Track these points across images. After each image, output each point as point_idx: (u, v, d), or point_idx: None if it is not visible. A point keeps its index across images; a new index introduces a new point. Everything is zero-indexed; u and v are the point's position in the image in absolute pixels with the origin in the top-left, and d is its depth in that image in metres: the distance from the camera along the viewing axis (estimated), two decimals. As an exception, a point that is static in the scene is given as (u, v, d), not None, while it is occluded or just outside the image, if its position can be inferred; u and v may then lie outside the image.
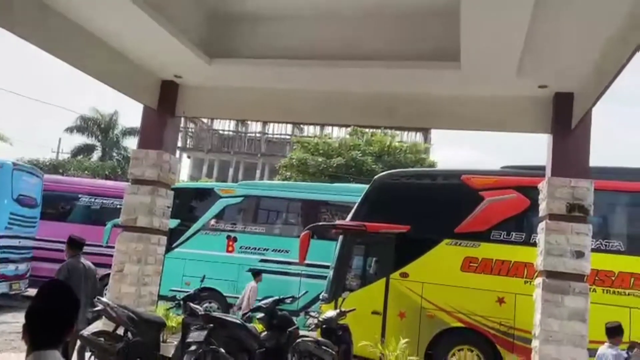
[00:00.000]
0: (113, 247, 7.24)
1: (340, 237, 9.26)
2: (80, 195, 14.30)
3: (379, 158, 22.40)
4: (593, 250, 6.45)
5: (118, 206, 14.24)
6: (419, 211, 8.66)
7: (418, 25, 5.94)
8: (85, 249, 6.86)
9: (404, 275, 8.41)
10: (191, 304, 6.45)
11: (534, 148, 10.72)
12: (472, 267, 8.14)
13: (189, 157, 34.64)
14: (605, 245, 7.70)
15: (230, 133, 33.82)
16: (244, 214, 12.91)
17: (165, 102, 7.42)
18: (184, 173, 33.63)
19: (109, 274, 7.09)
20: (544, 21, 4.72)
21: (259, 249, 12.06)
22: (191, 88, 7.50)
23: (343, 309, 7.23)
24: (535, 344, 6.34)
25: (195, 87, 7.47)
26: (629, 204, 8.01)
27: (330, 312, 7.19)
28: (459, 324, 8.03)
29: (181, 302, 6.64)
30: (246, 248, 12.09)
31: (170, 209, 7.90)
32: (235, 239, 12.20)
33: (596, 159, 6.49)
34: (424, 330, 8.11)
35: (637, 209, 7.93)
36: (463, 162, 54.41)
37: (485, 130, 7.33)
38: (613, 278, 7.44)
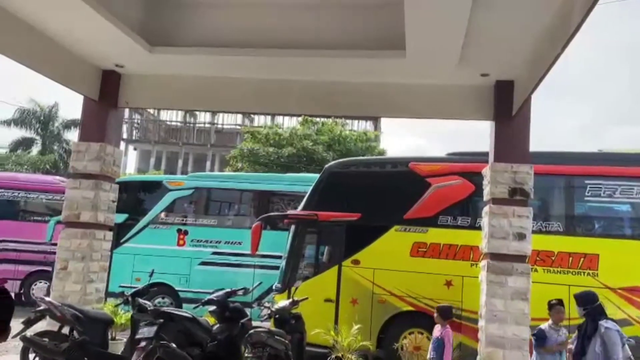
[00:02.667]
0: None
1: (292, 227, 9.26)
2: (17, 192, 13.70)
3: (330, 147, 22.51)
4: (534, 232, 6.75)
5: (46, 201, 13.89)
6: (369, 199, 8.77)
7: (363, 14, 5.98)
8: (25, 247, 6.56)
9: (356, 262, 8.51)
10: (140, 300, 6.29)
11: (480, 134, 11.06)
12: (420, 252, 8.33)
13: (135, 149, 33.69)
14: (545, 227, 8.05)
15: (178, 124, 33.12)
16: (195, 207, 12.69)
17: (107, 92, 7.17)
18: (130, 165, 32.70)
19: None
20: (484, 11, 4.85)
21: (211, 242, 11.89)
22: (134, 77, 7.27)
23: (296, 298, 7.25)
24: (481, 323, 6.60)
25: (138, 77, 7.25)
26: (566, 186, 8.40)
27: (283, 302, 7.19)
28: (410, 308, 8.22)
29: (129, 298, 6.45)
30: (198, 241, 11.89)
31: (117, 203, 7.67)
32: (186, 232, 11.98)
33: (543, 145, 6.77)
34: (376, 315, 8.26)
35: (574, 191, 8.32)
36: (412, 149, 55.51)
37: (431, 118, 7.49)
38: (553, 258, 7.79)
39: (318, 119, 23.47)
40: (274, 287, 9.27)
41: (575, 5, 4.30)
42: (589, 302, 5.38)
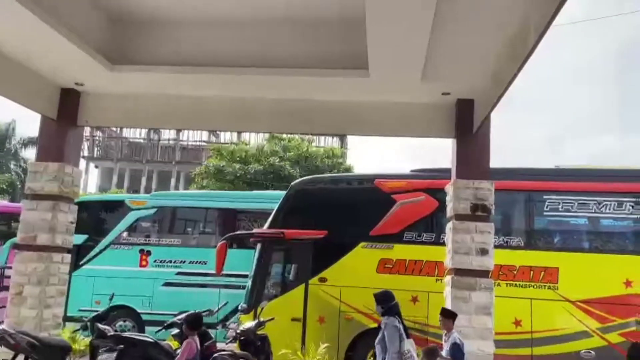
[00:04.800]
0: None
1: (259, 246, 9.16)
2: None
3: (297, 163, 22.51)
4: (496, 246, 6.88)
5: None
6: (336, 216, 8.78)
7: (328, 34, 6.04)
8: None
9: (323, 280, 8.48)
10: (99, 325, 6.08)
11: (444, 150, 11.25)
12: (387, 269, 8.37)
13: (96, 167, 32.91)
14: (507, 242, 8.21)
15: (142, 141, 32.52)
16: (158, 226, 12.43)
17: (66, 111, 7.00)
18: (91, 184, 31.90)
19: None
20: (444, 33, 4.98)
21: (175, 262, 11.64)
22: (94, 96, 7.13)
23: (262, 319, 7.15)
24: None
25: (99, 95, 7.12)
26: (526, 202, 8.61)
27: (248, 323, 7.07)
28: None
29: (89, 323, 6.24)
30: (161, 261, 11.62)
31: (76, 224, 7.44)
32: (149, 253, 11.69)
33: (507, 158, 6.93)
34: (344, 333, 8.21)
35: (533, 206, 8.54)
36: (379, 165, 56.13)
37: (395, 135, 7.60)
38: (515, 272, 7.95)
39: (285, 136, 23.48)
40: (239, 308, 9.12)
41: (530, 28, 4.46)
42: (385, 301, 5.69)
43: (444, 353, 5.51)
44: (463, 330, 6.35)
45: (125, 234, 11.96)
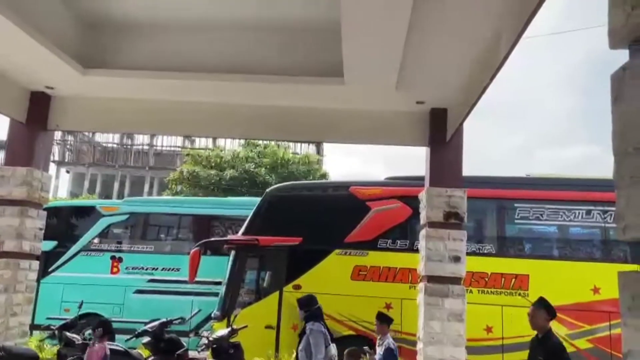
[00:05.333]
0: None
1: (233, 253, 9.10)
2: None
3: (273, 170, 22.47)
4: (468, 254, 6.97)
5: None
6: (311, 223, 8.79)
7: (304, 41, 6.06)
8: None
9: (297, 287, 8.46)
10: (67, 333, 5.94)
11: (418, 158, 11.38)
12: (361, 276, 8.40)
13: (68, 171, 32.25)
14: (479, 249, 8.33)
15: (115, 145, 32.02)
16: (130, 232, 12.25)
17: (36, 115, 6.84)
18: (62, 189, 31.23)
19: None
20: (419, 43, 5.04)
21: (147, 269, 11.47)
22: (65, 100, 6.99)
23: (235, 327, 7.09)
24: (419, 346, 6.67)
25: (70, 99, 6.98)
26: (498, 209, 8.77)
27: (221, 331, 7.00)
28: (350, 332, 8.23)
29: (56, 332, 6.09)
30: (133, 268, 11.44)
31: (45, 230, 7.28)
32: (120, 259, 11.51)
33: (477, 169, 7.04)
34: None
35: (505, 214, 8.70)
36: (355, 172, 56.43)
37: (369, 143, 7.64)
38: (486, 279, 8.07)
39: (261, 142, 23.42)
40: (212, 315, 9.03)
41: (502, 39, 4.56)
42: (308, 305, 5.70)
43: (377, 357, 5.55)
44: (436, 337, 6.39)
45: (96, 241, 11.75)
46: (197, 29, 6.00)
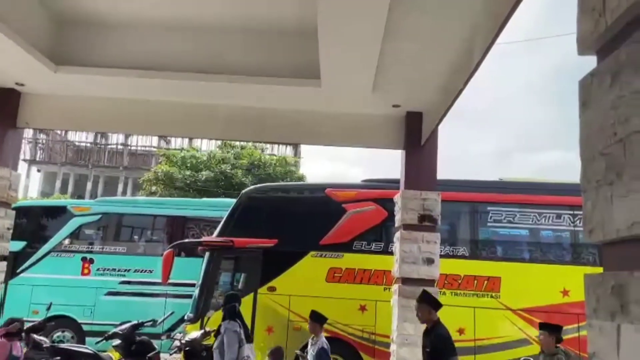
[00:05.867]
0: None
1: (207, 254, 9.02)
2: None
3: (249, 171, 22.34)
4: (441, 256, 7.04)
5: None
6: (286, 225, 8.77)
7: (281, 43, 6.05)
8: None
9: (272, 289, 8.43)
10: (35, 336, 5.80)
11: (395, 161, 11.46)
12: (336, 278, 8.41)
13: (39, 170, 31.52)
14: (452, 251, 8.43)
15: (88, 145, 31.43)
16: (102, 233, 12.02)
17: (4, 111, 6.67)
18: (33, 189, 30.52)
19: None
20: (394, 47, 5.09)
21: (119, 270, 11.28)
22: (36, 97, 6.84)
23: (208, 329, 7.02)
24: (393, 347, 6.72)
25: (41, 96, 6.83)
26: (471, 212, 8.88)
27: (194, 333, 6.92)
28: (325, 334, 8.21)
29: (24, 334, 5.93)
30: (104, 270, 11.24)
31: (14, 230, 7.10)
32: (91, 261, 11.29)
33: (452, 173, 7.10)
34: (292, 343, 8.17)
35: (478, 217, 8.81)
36: (332, 175, 56.52)
37: (346, 145, 7.67)
38: (459, 281, 8.16)
39: (237, 143, 23.27)
40: (185, 317, 8.92)
41: (476, 44, 4.63)
42: (225, 303, 5.75)
43: (309, 357, 5.56)
44: (409, 338, 6.44)
45: (66, 241, 11.51)
46: (173, 28, 5.93)
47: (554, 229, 8.58)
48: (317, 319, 5.85)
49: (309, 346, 5.91)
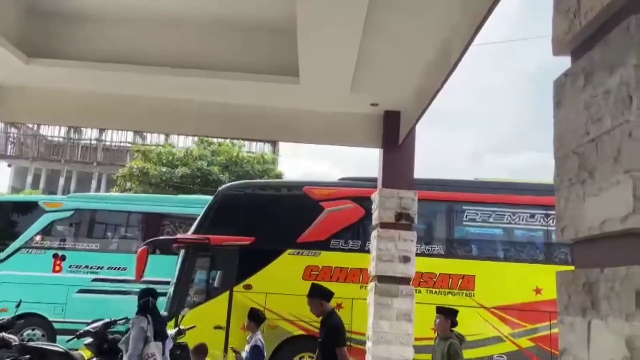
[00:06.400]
0: None
1: (182, 252, 8.92)
2: None
3: (227, 168, 22.17)
4: (418, 254, 7.09)
5: None
6: (263, 222, 8.73)
7: (259, 38, 6.00)
8: None
9: (248, 287, 8.38)
10: (4, 334, 5.65)
11: (373, 160, 11.50)
12: (313, 276, 8.41)
13: (9, 165, 30.76)
14: (428, 250, 8.51)
15: (61, 139, 30.78)
16: (75, 229, 11.80)
17: (-27, 104, 6.48)
18: (3, 184, 29.77)
19: None
20: (374, 46, 5.09)
21: (92, 268, 11.08)
22: (6, 90, 6.65)
23: (182, 327, 6.95)
24: (368, 345, 6.75)
25: (12, 89, 6.65)
26: (447, 212, 8.97)
27: (168, 332, 6.85)
28: (301, 332, 8.22)
29: (-9, 333, 5.78)
30: (77, 267, 11.03)
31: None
32: (63, 258, 11.07)
33: (429, 172, 7.15)
34: (267, 340, 8.08)
35: (453, 216, 8.91)
36: (310, 173, 56.54)
37: (324, 143, 7.68)
38: (435, 279, 8.24)
39: (215, 140, 23.07)
40: (160, 315, 8.81)
41: (453, 45, 4.67)
42: (139, 298, 5.66)
43: (244, 354, 5.59)
44: (384, 336, 6.47)
45: (38, 238, 11.26)
46: (147, 22, 5.84)
47: (527, 228, 8.73)
48: (254, 317, 5.83)
49: (247, 343, 5.90)
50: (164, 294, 9.35)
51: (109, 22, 5.84)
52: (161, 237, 10.31)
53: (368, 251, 7.53)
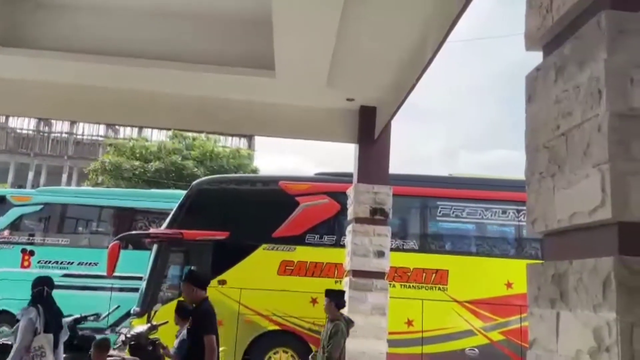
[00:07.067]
0: None
1: (155, 247, 8.79)
2: None
3: (201, 163, 21.92)
4: (392, 249, 7.15)
5: None
6: (238, 217, 8.66)
7: (235, 31, 5.94)
8: None
9: (222, 282, 8.31)
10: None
11: (348, 155, 11.50)
12: (288, 271, 8.39)
13: (-24, 158, 29.85)
14: (402, 245, 8.57)
15: (30, 132, 30.00)
16: (44, 224, 11.53)
17: (-63, 93, 6.27)
18: (-31, 177, 28.87)
19: None
20: (349, 41, 5.10)
21: (62, 263, 10.84)
22: (-28, 79, 6.45)
23: (154, 323, 6.85)
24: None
25: (-22, 78, 6.45)
26: (421, 207, 9.05)
27: (139, 327, 6.74)
28: (276, 327, 8.20)
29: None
30: (46, 262, 10.78)
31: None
32: (32, 253, 10.80)
33: (403, 168, 7.20)
34: (242, 336, 8.10)
35: (427, 211, 8.99)
36: (286, 168, 56.39)
37: (300, 138, 7.67)
38: (409, 274, 8.31)
39: (189, 134, 22.80)
40: (132, 311, 8.68)
41: (427, 42, 4.70)
42: (33, 287, 5.37)
43: (171, 351, 5.61)
44: (359, 330, 6.51)
45: (5, 232, 10.97)
46: (120, 13, 5.73)
47: (499, 223, 8.86)
48: (181, 313, 5.79)
49: (176, 337, 5.89)
50: (136, 290, 9.22)
51: (82, 11, 5.71)
52: (134, 232, 10.15)
53: (343, 246, 7.55)
